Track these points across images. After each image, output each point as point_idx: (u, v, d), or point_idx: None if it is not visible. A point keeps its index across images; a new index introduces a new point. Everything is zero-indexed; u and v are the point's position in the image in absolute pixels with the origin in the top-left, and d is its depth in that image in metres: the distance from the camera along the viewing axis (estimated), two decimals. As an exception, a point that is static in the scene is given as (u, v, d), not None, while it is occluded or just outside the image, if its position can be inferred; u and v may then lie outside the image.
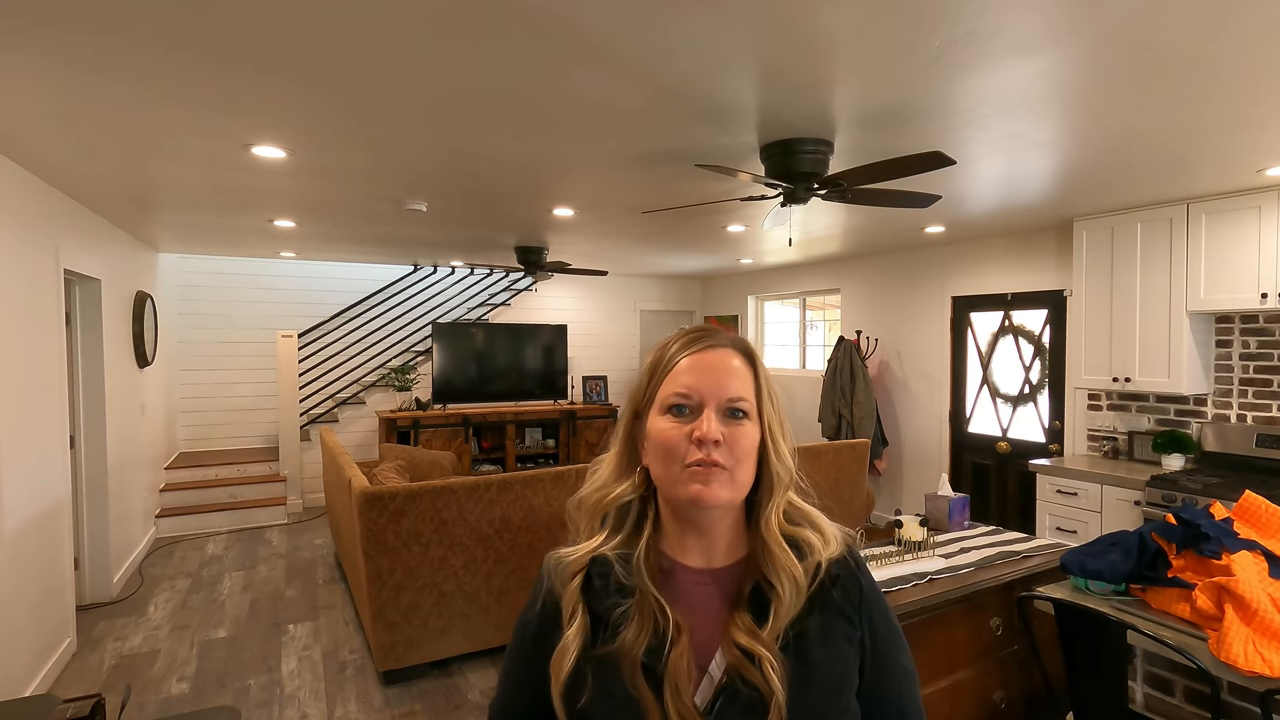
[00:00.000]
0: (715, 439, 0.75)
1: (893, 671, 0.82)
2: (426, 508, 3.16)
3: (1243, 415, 3.79)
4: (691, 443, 0.75)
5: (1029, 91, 2.18)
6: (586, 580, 0.79)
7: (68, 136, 2.66)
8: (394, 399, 7.02)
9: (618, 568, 0.79)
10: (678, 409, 0.77)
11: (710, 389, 0.77)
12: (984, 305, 5.25)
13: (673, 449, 0.76)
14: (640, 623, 0.75)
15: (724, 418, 0.76)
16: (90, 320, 4.15)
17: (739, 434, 0.76)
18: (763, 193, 3.29)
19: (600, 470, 0.85)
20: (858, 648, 0.80)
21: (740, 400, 0.77)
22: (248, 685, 3.23)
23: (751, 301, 7.98)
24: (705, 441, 0.74)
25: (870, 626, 0.81)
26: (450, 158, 2.97)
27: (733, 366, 0.79)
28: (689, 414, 0.77)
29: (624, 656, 0.74)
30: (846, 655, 0.78)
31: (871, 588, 0.83)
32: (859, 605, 0.81)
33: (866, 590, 0.82)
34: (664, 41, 1.82)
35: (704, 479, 0.75)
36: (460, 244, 5.61)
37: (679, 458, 0.76)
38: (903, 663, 0.84)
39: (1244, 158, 2.92)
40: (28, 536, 3.09)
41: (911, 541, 2.52)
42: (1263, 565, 1.84)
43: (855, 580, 0.81)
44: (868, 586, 0.82)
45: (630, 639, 0.74)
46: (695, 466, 0.75)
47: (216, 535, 5.69)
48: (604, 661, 0.75)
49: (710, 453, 0.74)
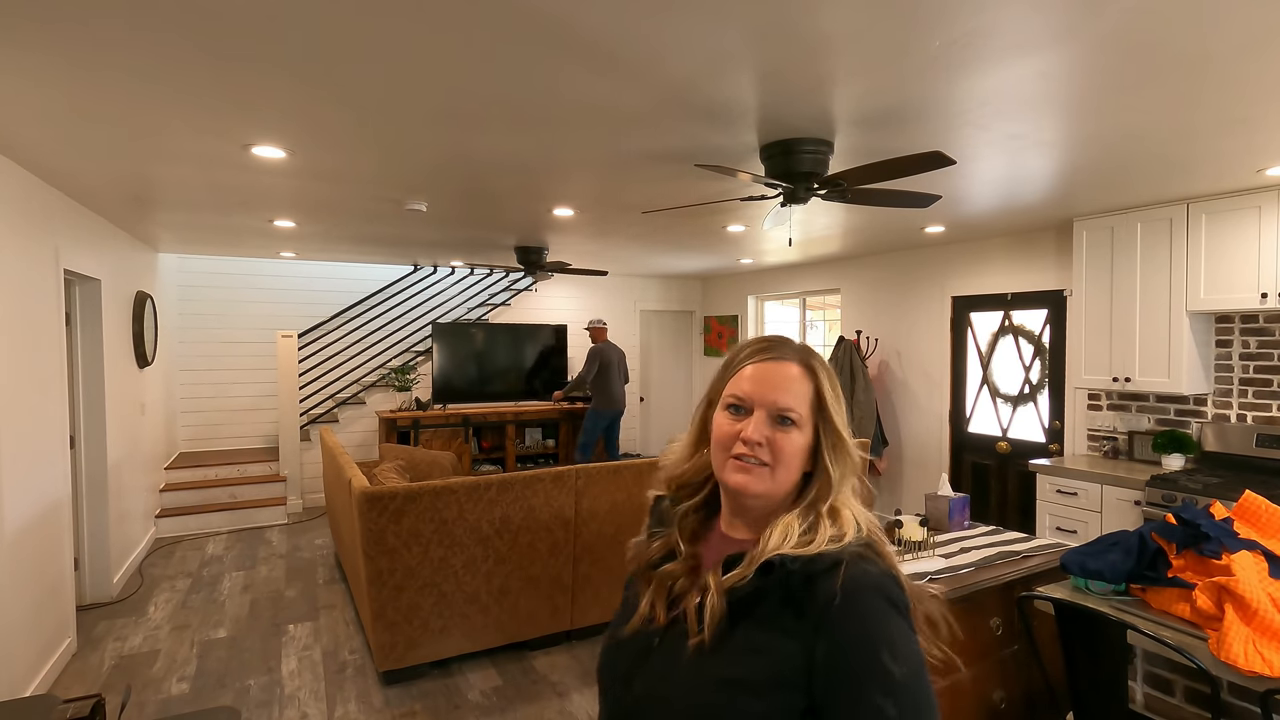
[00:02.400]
0: (758, 441, 0.86)
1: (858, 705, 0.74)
2: (426, 508, 3.16)
3: (1243, 415, 3.79)
4: (739, 439, 0.87)
5: (1029, 91, 2.18)
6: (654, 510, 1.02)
7: (68, 136, 2.66)
8: (394, 399, 7.02)
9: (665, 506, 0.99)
10: (734, 408, 0.90)
11: (763, 397, 0.88)
12: (984, 305, 5.25)
13: (724, 440, 0.89)
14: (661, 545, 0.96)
15: (773, 423, 0.87)
16: (90, 320, 4.15)
17: (784, 439, 0.87)
18: (763, 193, 3.29)
19: (675, 447, 1.01)
20: (804, 651, 0.77)
21: (790, 411, 0.87)
22: (248, 685, 3.24)
23: (751, 301, 7.98)
24: (749, 441, 0.86)
25: (829, 643, 0.76)
26: (450, 158, 2.97)
27: (790, 377, 0.89)
28: (743, 414, 0.89)
29: (642, 560, 0.97)
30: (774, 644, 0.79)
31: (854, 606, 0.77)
32: (822, 610, 0.77)
33: (840, 602, 0.77)
34: (664, 42, 1.82)
35: (746, 471, 0.87)
36: (460, 244, 5.61)
37: (727, 448, 0.89)
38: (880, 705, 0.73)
39: (1244, 157, 2.92)
40: (28, 536, 3.09)
41: (911, 541, 2.52)
42: (1263, 565, 1.84)
43: (830, 585, 0.78)
44: (846, 601, 0.77)
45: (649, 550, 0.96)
46: (737, 459, 0.87)
47: (216, 535, 5.69)
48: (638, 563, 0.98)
49: (754, 450, 0.86)
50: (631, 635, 0.91)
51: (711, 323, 8.71)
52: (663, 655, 0.87)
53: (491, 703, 3.10)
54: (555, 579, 3.54)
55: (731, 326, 8.29)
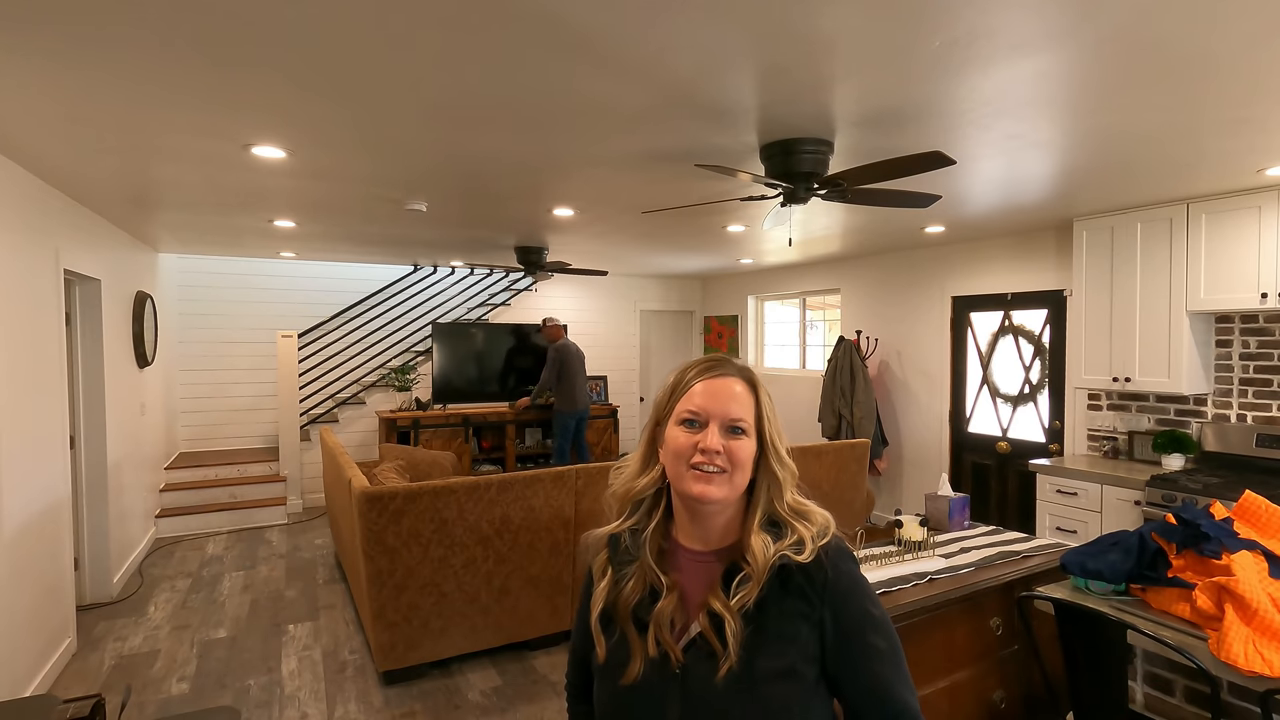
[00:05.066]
0: (717, 449, 0.94)
1: (862, 649, 0.92)
2: (426, 508, 3.16)
3: (1243, 415, 3.79)
4: (697, 450, 0.94)
5: (1029, 91, 2.18)
6: (612, 550, 1.03)
7: (68, 136, 2.66)
8: (394, 399, 7.02)
9: (627, 541, 1.01)
10: (689, 423, 0.96)
11: (716, 409, 0.95)
12: (984, 305, 5.25)
13: (682, 453, 0.95)
14: (636, 581, 0.98)
15: (726, 433, 0.95)
16: (90, 320, 4.15)
17: (737, 446, 0.95)
18: (763, 193, 3.29)
19: (627, 466, 1.06)
20: (815, 627, 0.92)
21: (740, 420, 0.96)
22: (248, 685, 3.24)
23: (751, 301, 7.98)
24: (708, 450, 0.93)
25: (833, 610, 0.92)
26: (450, 158, 2.97)
27: (736, 392, 0.97)
28: (698, 427, 0.96)
29: (622, 605, 0.98)
30: (799, 630, 0.92)
31: (841, 576, 0.94)
32: (822, 589, 0.93)
33: (833, 577, 0.93)
34: (664, 42, 1.82)
35: (706, 480, 0.93)
36: (460, 244, 5.61)
37: (686, 459, 0.95)
38: (874, 642, 0.92)
39: (1244, 157, 2.92)
40: (28, 536, 3.09)
41: (911, 541, 2.52)
42: (1263, 565, 1.84)
43: (821, 568, 0.93)
44: (835, 574, 0.93)
45: (627, 592, 0.98)
46: (696, 470, 0.94)
47: (216, 535, 5.69)
48: (615, 607, 0.99)
49: (713, 459, 0.93)
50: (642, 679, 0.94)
51: (711, 323, 8.71)
52: (694, 681, 0.92)
53: (491, 703, 3.10)
54: (555, 579, 3.54)
55: (731, 326, 8.29)
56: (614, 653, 0.97)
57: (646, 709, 0.93)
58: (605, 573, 1.02)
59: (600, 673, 0.99)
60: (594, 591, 1.03)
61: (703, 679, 0.91)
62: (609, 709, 0.98)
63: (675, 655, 0.93)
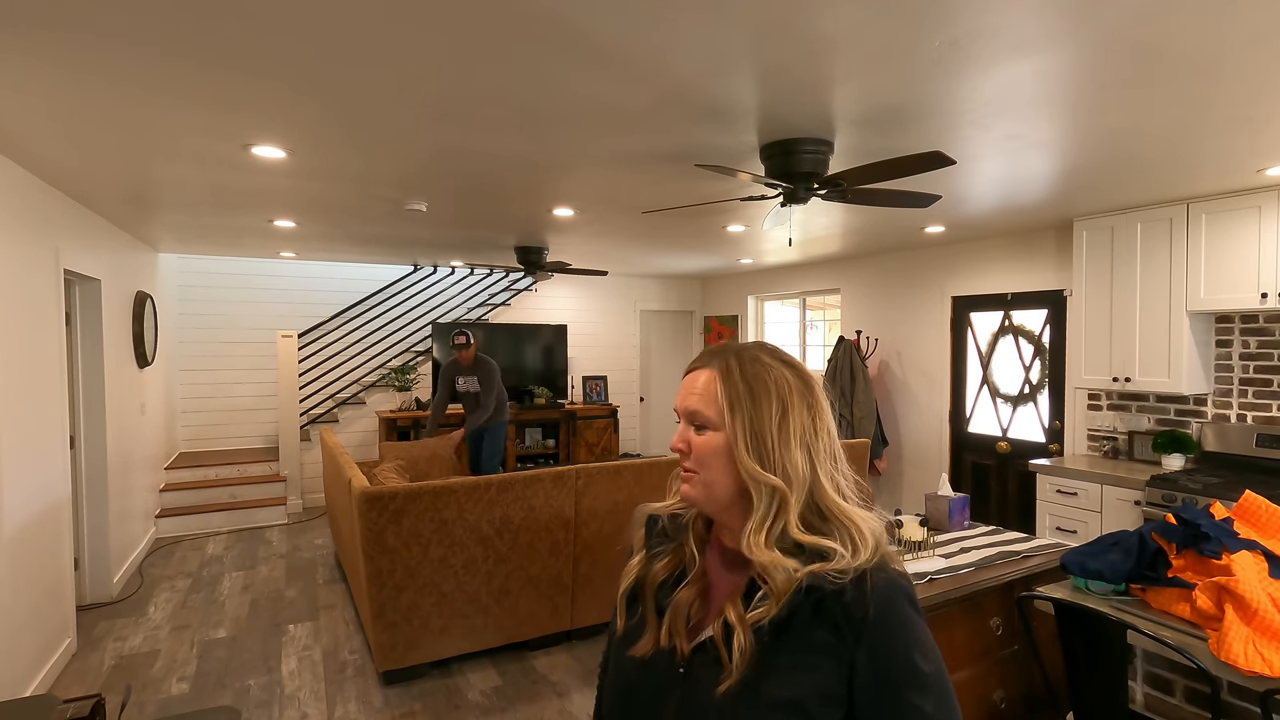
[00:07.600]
0: (678, 447, 0.90)
1: (898, 708, 0.79)
2: (426, 508, 3.16)
3: (1243, 415, 3.79)
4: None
5: (1029, 91, 2.18)
6: (649, 530, 1.00)
7: (68, 136, 2.66)
8: (394, 399, 7.02)
9: (665, 522, 0.98)
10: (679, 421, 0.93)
11: (680, 404, 0.91)
12: (984, 305, 5.25)
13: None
14: (667, 563, 0.94)
15: (691, 429, 0.89)
16: (90, 320, 4.15)
17: (697, 443, 0.88)
18: (763, 193, 3.29)
19: None
20: (843, 666, 0.80)
21: (696, 414, 0.88)
22: (248, 685, 3.23)
23: (751, 301, 7.98)
24: (674, 449, 0.91)
25: (870, 653, 0.79)
26: (450, 158, 2.97)
27: (697, 384, 0.90)
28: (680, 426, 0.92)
29: (649, 584, 0.94)
30: (820, 664, 0.80)
31: (887, 615, 0.80)
32: (860, 626, 0.80)
33: (875, 615, 0.80)
34: (664, 42, 1.82)
35: (687, 480, 0.90)
36: (460, 244, 5.61)
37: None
38: (917, 702, 0.79)
39: (1244, 158, 2.92)
40: (28, 536, 3.09)
41: (911, 541, 2.52)
42: (1263, 565, 1.84)
43: (863, 601, 0.80)
44: (880, 612, 0.80)
45: (655, 571, 0.94)
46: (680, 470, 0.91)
47: (216, 535, 5.69)
48: (642, 585, 0.95)
49: (682, 459, 0.90)
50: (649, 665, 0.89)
51: (711, 323, 8.71)
52: (695, 685, 0.85)
53: (491, 703, 3.10)
54: (555, 579, 3.54)
55: (731, 326, 8.29)
56: (632, 629, 0.93)
57: (648, 696, 0.88)
58: (641, 550, 0.99)
59: (616, 645, 0.95)
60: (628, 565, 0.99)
61: (704, 687, 0.84)
62: (615, 682, 0.94)
63: (682, 648, 0.86)
